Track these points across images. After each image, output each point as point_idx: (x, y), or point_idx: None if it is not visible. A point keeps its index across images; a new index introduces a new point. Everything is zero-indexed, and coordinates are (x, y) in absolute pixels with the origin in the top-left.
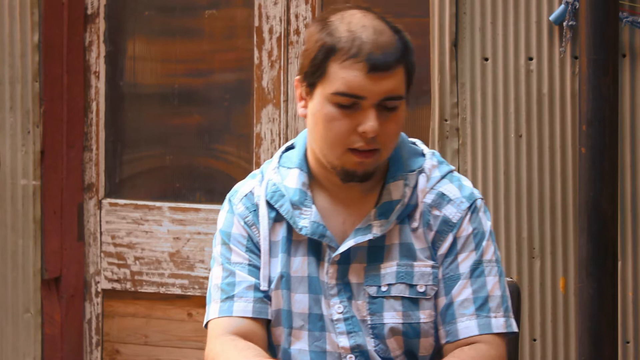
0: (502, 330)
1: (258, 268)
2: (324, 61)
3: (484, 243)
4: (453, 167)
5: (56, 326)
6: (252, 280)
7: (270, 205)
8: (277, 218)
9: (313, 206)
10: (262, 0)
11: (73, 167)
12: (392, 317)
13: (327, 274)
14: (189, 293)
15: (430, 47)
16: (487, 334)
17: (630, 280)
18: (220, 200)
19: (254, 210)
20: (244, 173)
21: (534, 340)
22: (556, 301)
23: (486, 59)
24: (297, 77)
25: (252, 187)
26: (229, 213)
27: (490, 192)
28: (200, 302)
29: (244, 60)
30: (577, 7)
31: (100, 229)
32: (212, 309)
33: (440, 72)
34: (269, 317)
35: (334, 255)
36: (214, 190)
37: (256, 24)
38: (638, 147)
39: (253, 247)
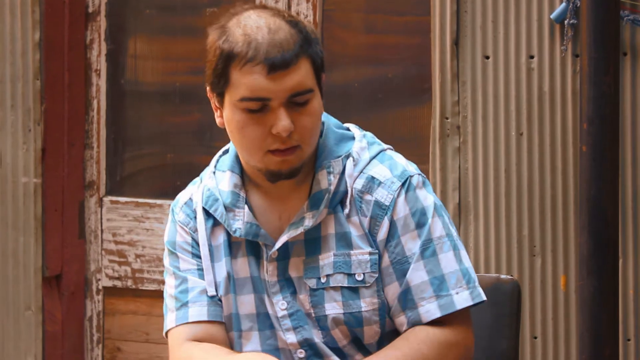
0: (469, 303)
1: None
2: (225, 69)
3: (429, 220)
4: (386, 147)
5: (57, 323)
6: (204, 284)
7: (206, 211)
8: (216, 222)
9: (245, 206)
10: None
11: (74, 164)
12: (332, 307)
13: (267, 272)
14: None
15: (431, 46)
16: (450, 313)
17: (631, 278)
18: None
19: (194, 217)
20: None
21: (535, 338)
22: (557, 299)
23: (487, 57)
24: (207, 88)
25: (191, 193)
26: (172, 223)
27: (491, 190)
28: None
29: None
30: (578, 5)
31: (101, 226)
32: (169, 319)
33: (441, 70)
34: (224, 320)
35: (270, 252)
36: None
37: None
38: (638, 145)
39: (199, 253)
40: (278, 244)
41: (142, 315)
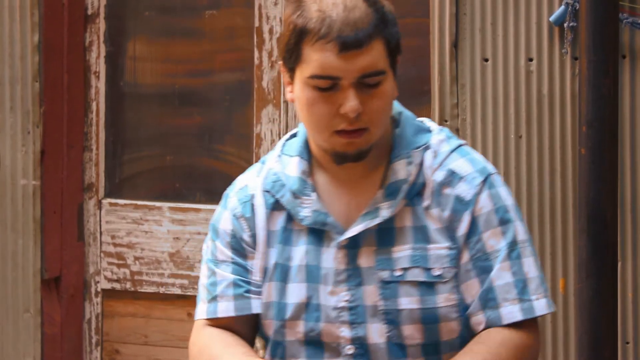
0: (545, 311)
1: (240, 265)
2: (297, 45)
3: (513, 221)
4: (463, 141)
5: (56, 326)
6: (232, 277)
7: (269, 194)
8: (276, 207)
9: (313, 194)
10: (262, 1)
11: (73, 167)
12: (408, 302)
13: (336, 260)
14: (188, 293)
15: (430, 48)
16: (530, 318)
17: (630, 281)
18: (220, 200)
19: (246, 202)
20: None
21: None
22: (556, 302)
23: (486, 60)
24: (280, 63)
25: (249, 178)
26: (222, 207)
27: None
28: None
29: (244, 60)
30: (577, 8)
31: (100, 228)
32: (200, 309)
33: (440, 73)
34: (253, 312)
35: (340, 239)
36: (214, 190)
37: (256, 24)
38: (638, 148)
39: (236, 244)
40: (351, 233)
41: (141, 318)
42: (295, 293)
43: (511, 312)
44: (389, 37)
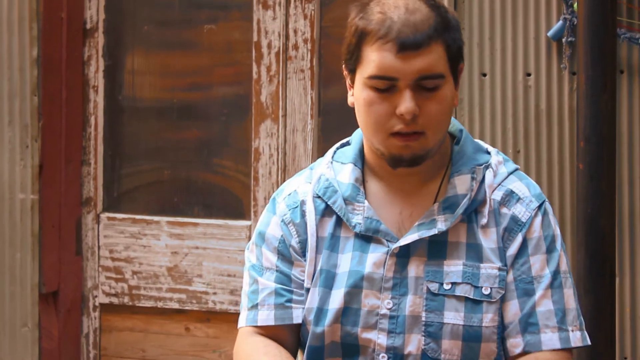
0: (579, 344)
1: (284, 273)
2: (358, 46)
3: (559, 250)
4: (518, 166)
5: (54, 340)
6: (274, 285)
7: (320, 199)
8: (326, 213)
9: (366, 202)
10: (260, 15)
11: (71, 181)
12: (453, 317)
13: (384, 267)
14: (186, 307)
15: None
16: (566, 348)
17: (628, 296)
18: (218, 214)
19: (295, 208)
20: (242, 187)
21: None
22: None
23: (484, 75)
24: (343, 66)
25: (298, 184)
26: (269, 212)
27: None
28: (198, 316)
29: (242, 74)
30: (575, 23)
31: (98, 243)
32: (242, 317)
33: None
34: (294, 322)
35: (393, 247)
36: (212, 204)
37: (255, 38)
38: (635, 163)
39: (284, 249)
40: (405, 240)
41: (139, 332)
42: (337, 298)
43: (551, 339)
44: (450, 41)
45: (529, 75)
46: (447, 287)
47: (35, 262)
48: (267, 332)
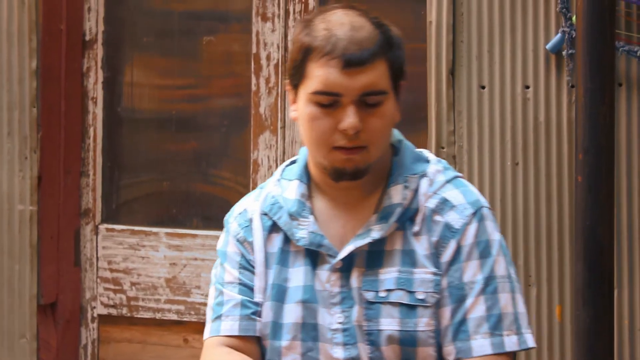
0: (515, 348)
1: (247, 286)
2: (303, 62)
3: (494, 255)
4: (459, 174)
5: (52, 352)
6: (239, 297)
7: (266, 216)
8: (274, 229)
9: (311, 216)
10: (259, 27)
11: (70, 192)
12: (389, 323)
13: (329, 282)
14: (185, 319)
15: (427, 75)
16: (501, 353)
17: (627, 308)
18: (217, 226)
19: (247, 226)
20: (241, 199)
21: None
22: (552, 329)
23: (483, 87)
24: (286, 81)
25: (247, 203)
26: (225, 233)
27: None
28: (197, 328)
29: (241, 86)
30: (573, 36)
31: (97, 254)
32: (206, 329)
33: (437, 99)
34: (257, 334)
35: (334, 262)
36: (211, 216)
37: (254, 50)
38: (634, 175)
39: (246, 264)
40: (342, 254)
41: (137, 344)
42: (292, 314)
43: (482, 345)
44: (393, 59)
45: (527, 87)
46: (382, 294)
47: (33, 273)
48: (232, 344)
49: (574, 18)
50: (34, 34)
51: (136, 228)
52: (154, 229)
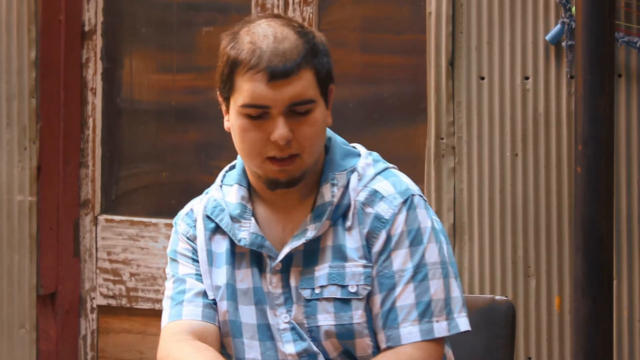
0: (445, 333)
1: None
2: (230, 75)
3: (425, 243)
4: (391, 165)
5: (51, 342)
6: (201, 286)
7: (209, 219)
8: (218, 231)
9: (252, 218)
10: None
11: (69, 183)
12: (325, 319)
13: (271, 284)
14: None
15: (426, 66)
16: (432, 339)
17: (626, 299)
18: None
19: (193, 226)
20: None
21: (529, 358)
22: (551, 320)
23: (482, 78)
24: (217, 93)
25: (193, 204)
26: (174, 234)
27: (486, 211)
28: None
29: None
30: (573, 27)
31: (96, 245)
32: (164, 318)
33: (437, 90)
34: (217, 325)
35: (274, 264)
36: None
37: None
38: (633, 166)
39: (198, 259)
40: (281, 256)
41: (137, 334)
42: (247, 314)
43: (410, 332)
44: (318, 66)
45: (527, 78)
46: (317, 291)
47: (33, 264)
48: (193, 330)
49: (573, 9)
50: (33, 25)
51: (135, 219)
52: (153, 220)
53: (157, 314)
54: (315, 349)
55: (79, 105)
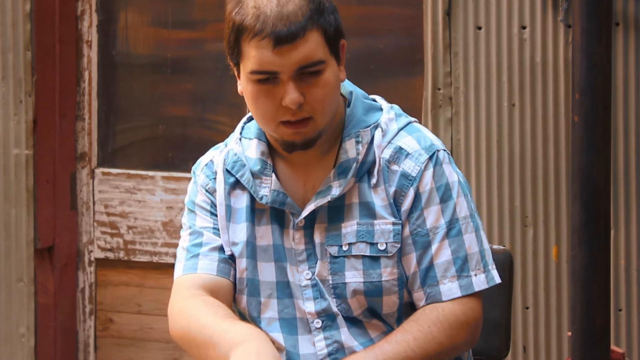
0: (484, 286)
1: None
2: (237, 41)
3: (455, 198)
4: (413, 119)
5: (49, 295)
6: (219, 241)
7: (229, 173)
8: (237, 186)
9: (273, 175)
10: None
11: (66, 136)
12: (352, 276)
13: (294, 241)
14: None
15: (423, 16)
16: (471, 294)
17: (623, 248)
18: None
19: (214, 178)
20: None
21: (527, 308)
22: (549, 269)
23: (479, 28)
24: (227, 58)
25: (212, 156)
26: (193, 184)
27: (483, 161)
28: None
29: None
30: None
31: (93, 198)
32: (177, 269)
33: (433, 41)
34: (232, 280)
35: (297, 221)
36: None
37: None
38: (630, 115)
39: (217, 213)
40: (305, 212)
41: (135, 287)
42: (266, 272)
43: (450, 289)
44: (325, 25)
45: (524, 28)
46: (345, 248)
47: (30, 218)
48: (206, 284)
49: None
50: None
51: (132, 172)
52: (150, 173)
53: (155, 266)
54: (335, 309)
55: (74, 58)
